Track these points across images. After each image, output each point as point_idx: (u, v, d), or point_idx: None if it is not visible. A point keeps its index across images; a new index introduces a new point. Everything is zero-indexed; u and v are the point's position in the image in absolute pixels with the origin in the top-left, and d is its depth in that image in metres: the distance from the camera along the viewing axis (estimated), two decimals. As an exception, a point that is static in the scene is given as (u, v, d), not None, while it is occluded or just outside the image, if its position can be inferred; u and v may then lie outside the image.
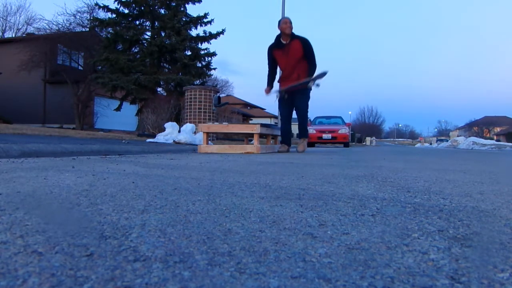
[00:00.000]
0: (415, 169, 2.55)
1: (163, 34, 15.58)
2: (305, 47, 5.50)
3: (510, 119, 58.23)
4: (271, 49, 5.69)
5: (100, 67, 16.19)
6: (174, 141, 6.65)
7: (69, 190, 1.25)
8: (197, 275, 0.53)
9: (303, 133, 5.88)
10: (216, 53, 16.41)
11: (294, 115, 5.85)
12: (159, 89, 16.67)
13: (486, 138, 29.52)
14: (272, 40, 5.68)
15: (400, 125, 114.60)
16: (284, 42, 5.51)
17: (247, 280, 0.51)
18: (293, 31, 5.49)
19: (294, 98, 5.63)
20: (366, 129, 72.44)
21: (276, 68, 5.88)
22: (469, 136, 28.68)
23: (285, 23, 5.48)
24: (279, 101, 5.91)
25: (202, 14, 16.01)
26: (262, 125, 5.35)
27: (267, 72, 5.83)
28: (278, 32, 5.57)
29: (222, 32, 16.05)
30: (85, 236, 0.71)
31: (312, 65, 5.54)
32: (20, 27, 29.97)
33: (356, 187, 1.50)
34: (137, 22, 16.30)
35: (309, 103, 5.75)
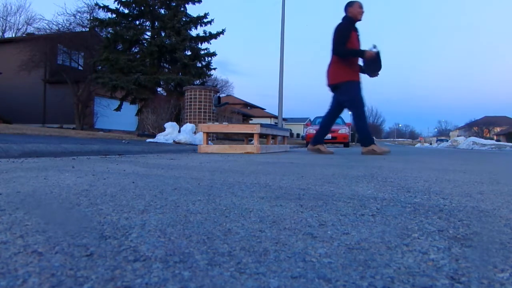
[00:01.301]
0: (415, 169, 2.55)
1: (163, 34, 15.58)
2: None
3: (510, 119, 58.22)
4: (351, 27, 4.96)
5: (100, 67, 16.20)
6: (174, 141, 6.65)
7: (69, 190, 1.25)
8: (197, 275, 0.53)
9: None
10: (216, 53, 16.43)
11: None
12: (159, 89, 16.67)
13: (486, 138, 29.53)
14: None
15: (400, 125, 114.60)
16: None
17: (247, 280, 0.51)
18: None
19: None
20: (366, 129, 72.22)
21: None
22: (469, 136, 28.69)
23: (362, 8, 4.93)
24: (360, 87, 5.04)
25: (202, 14, 16.03)
26: (262, 125, 5.35)
27: (344, 45, 4.89)
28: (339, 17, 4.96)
29: (222, 32, 16.05)
30: (85, 236, 0.71)
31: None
32: (20, 27, 29.99)
33: (356, 187, 1.50)
34: (137, 22, 16.30)
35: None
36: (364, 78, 5.13)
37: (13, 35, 27.45)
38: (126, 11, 15.98)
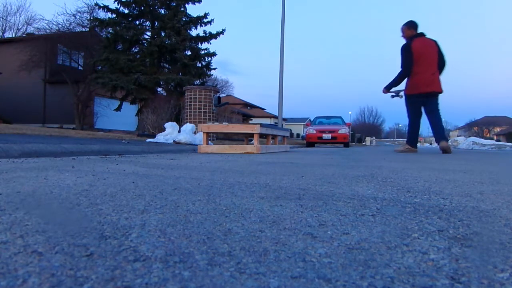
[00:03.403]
0: (415, 169, 2.55)
1: (163, 34, 15.58)
2: None
3: (510, 119, 58.10)
4: None
5: (100, 67, 16.19)
6: (174, 141, 6.65)
7: (69, 190, 1.25)
8: (197, 275, 0.53)
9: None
10: (216, 53, 16.44)
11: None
12: (159, 89, 16.67)
13: (486, 138, 29.47)
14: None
15: (400, 125, 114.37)
16: None
17: (247, 280, 0.51)
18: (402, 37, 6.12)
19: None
20: (366, 129, 72.30)
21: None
22: (469, 136, 28.64)
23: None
24: None
25: (202, 14, 16.04)
26: (262, 125, 5.35)
27: None
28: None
29: (222, 32, 16.06)
30: (85, 236, 0.71)
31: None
32: (20, 27, 29.97)
33: (356, 187, 1.50)
34: (137, 22, 16.30)
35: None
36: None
37: (13, 35, 27.44)
38: (126, 11, 15.98)
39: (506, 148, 15.92)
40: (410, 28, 5.94)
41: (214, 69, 17.36)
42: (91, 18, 16.96)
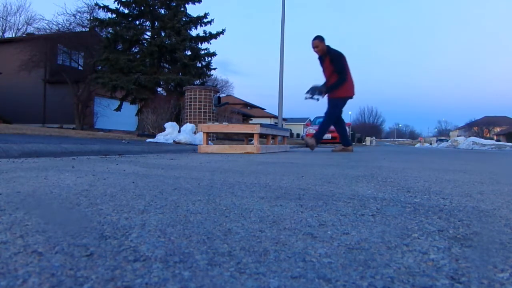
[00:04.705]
0: (415, 169, 2.55)
1: (163, 34, 15.57)
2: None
3: (510, 119, 58.10)
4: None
5: (100, 67, 16.19)
6: (174, 141, 6.65)
7: (69, 190, 1.25)
8: (197, 275, 0.53)
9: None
10: (216, 53, 16.44)
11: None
12: (159, 89, 16.67)
13: (486, 138, 29.46)
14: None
15: (400, 125, 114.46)
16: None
17: (247, 280, 0.51)
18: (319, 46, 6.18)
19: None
20: (366, 129, 72.25)
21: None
22: (469, 136, 28.63)
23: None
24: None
25: (202, 14, 16.04)
26: (262, 125, 5.35)
27: None
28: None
29: (222, 32, 16.06)
30: (85, 236, 0.71)
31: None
32: (20, 27, 29.97)
33: (356, 187, 1.50)
34: (137, 22, 16.30)
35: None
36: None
37: (13, 35, 27.44)
38: (126, 11, 15.98)
39: (506, 148, 15.92)
40: (322, 41, 6.17)
41: (214, 69, 17.37)
42: (91, 18, 16.96)
